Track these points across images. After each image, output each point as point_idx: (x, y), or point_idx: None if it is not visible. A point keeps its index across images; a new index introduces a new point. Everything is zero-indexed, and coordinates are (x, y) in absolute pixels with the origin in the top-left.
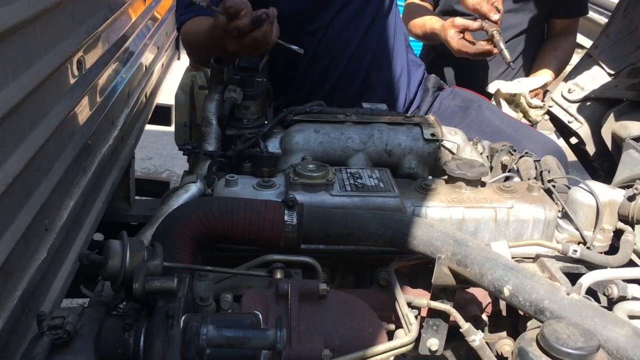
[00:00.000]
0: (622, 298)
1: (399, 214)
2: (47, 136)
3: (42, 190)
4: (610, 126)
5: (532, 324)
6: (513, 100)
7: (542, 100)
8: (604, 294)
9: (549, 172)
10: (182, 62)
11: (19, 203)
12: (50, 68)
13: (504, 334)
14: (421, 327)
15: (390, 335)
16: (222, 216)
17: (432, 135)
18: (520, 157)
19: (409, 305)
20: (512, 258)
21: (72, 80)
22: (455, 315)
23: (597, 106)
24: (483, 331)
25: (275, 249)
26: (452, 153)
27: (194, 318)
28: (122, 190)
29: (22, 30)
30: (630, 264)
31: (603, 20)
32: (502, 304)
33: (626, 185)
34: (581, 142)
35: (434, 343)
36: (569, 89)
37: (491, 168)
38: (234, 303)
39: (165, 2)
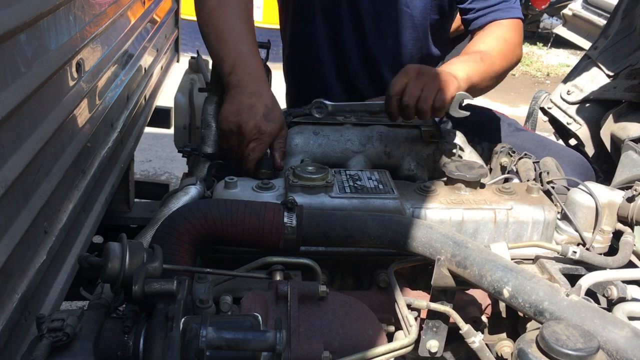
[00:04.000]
0: (622, 299)
1: (399, 215)
2: (46, 139)
3: (41, 193)
4: (610, 127)
5: (531, 325)
6: None
7: None
8: (603, 295)
9: (548, 173)
10: (182, 64)
11: (19, 205)
12: (50, 70)
13: (504, 335)
14: (421, 328)
15: (390, 337)
16: (222, 218)
17: (431, 137)
18: (520, 159)
19: (409, 307)
20: (512, 259)
21: (71, 83)
22: (455, 317)
23: (596, 108)
24: (483, 333)
25: (275, 250)
26: (452, 154)
27: (193, 320)
28: (122, 193)
29: (22, 32)
30: (630, 265)
31: (602, 22)
32: (502, 306)
33: (625, 187)
34: (580, 144)
35: (433, 345)
36: (568, 91)
37: (490, 169)
38: (234, 305)
39: (164, 5)
